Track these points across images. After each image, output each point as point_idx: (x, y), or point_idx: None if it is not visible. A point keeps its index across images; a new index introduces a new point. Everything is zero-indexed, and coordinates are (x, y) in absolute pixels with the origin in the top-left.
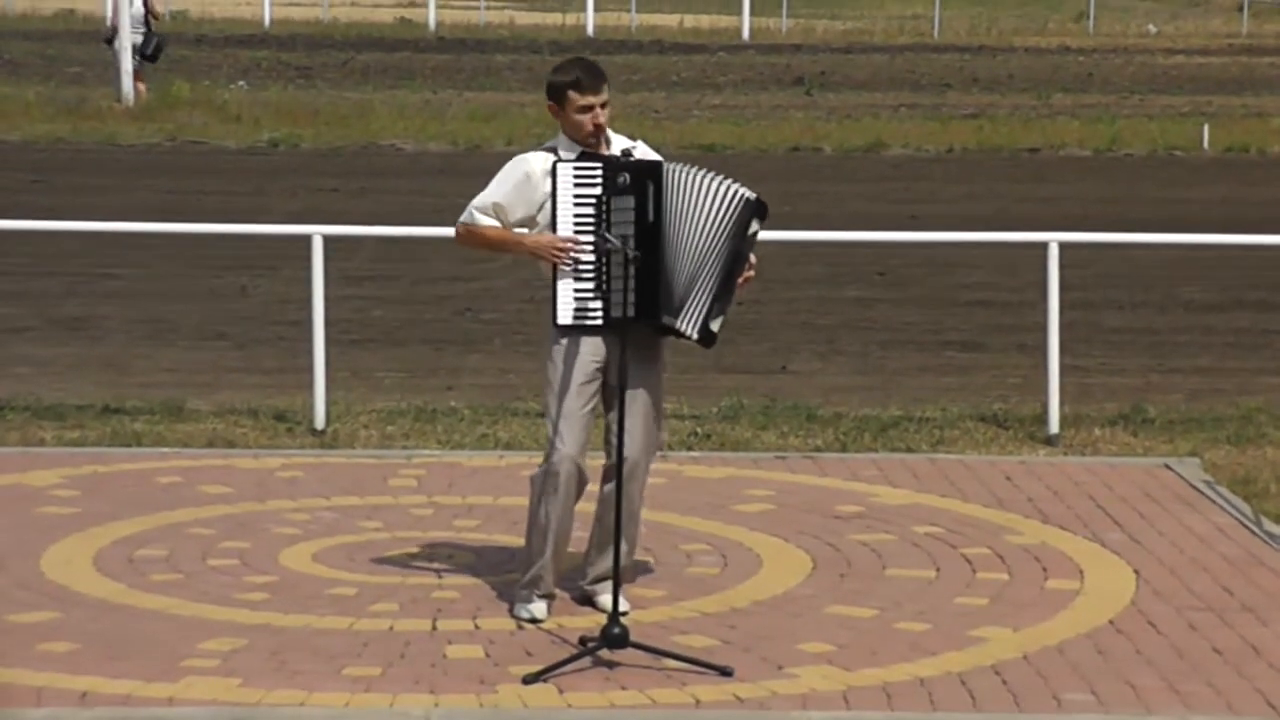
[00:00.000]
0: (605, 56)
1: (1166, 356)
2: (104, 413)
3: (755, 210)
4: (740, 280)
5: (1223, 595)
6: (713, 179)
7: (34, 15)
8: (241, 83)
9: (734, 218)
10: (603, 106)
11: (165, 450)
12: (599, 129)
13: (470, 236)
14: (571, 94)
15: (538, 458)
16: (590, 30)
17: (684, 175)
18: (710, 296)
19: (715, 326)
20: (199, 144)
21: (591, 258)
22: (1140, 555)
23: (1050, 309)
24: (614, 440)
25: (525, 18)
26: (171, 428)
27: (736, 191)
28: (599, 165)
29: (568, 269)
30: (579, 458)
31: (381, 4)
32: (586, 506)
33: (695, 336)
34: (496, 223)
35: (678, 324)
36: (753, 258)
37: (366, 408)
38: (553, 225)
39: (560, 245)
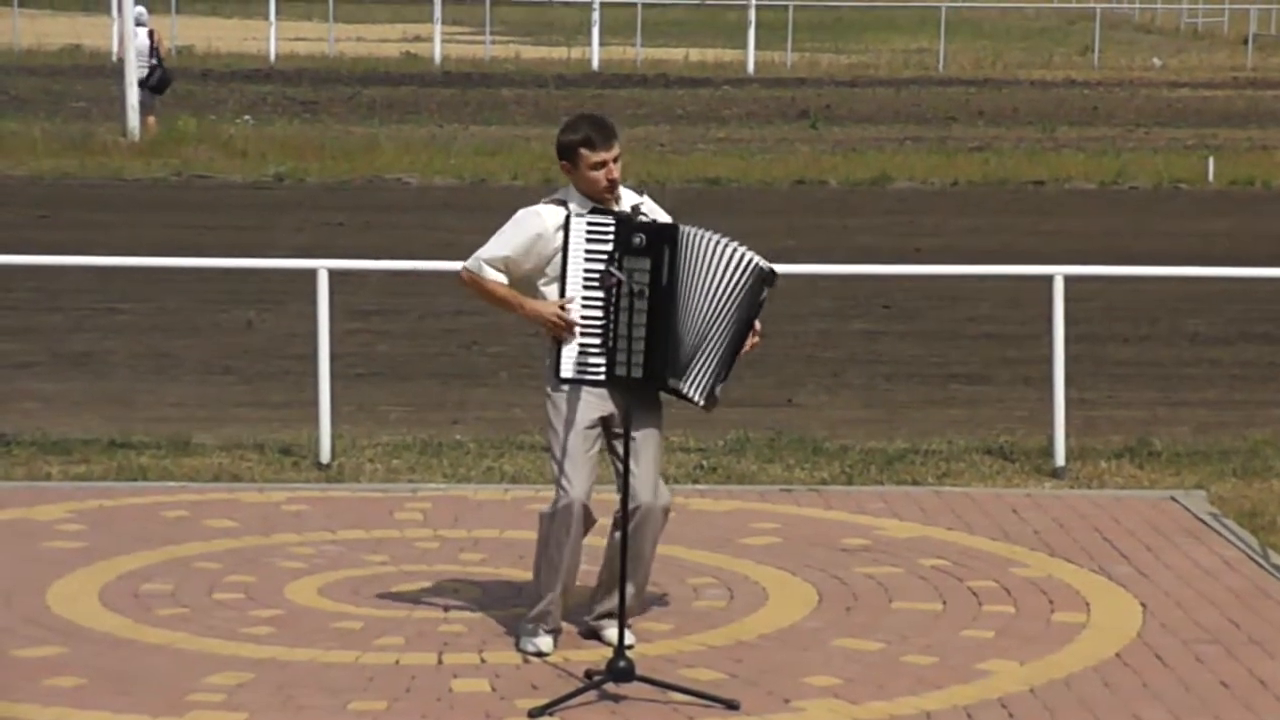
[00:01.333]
0: (610, 90)
1: (1173, 389)
2: (110, 447)
3: (767, 279)
4: (747, 347)
5: (1230, 628)
6: (726, 245)
7: (40, 51)
8: (247, 117)
9: (747, 286)
10: (615, 160)
11: (171, 485)
12: (614, 183)
13: (475, 285)
14: (584, 152)
15: (544, 491)
16: (595, 64)
17: (699, 240)
18: (716, 362)
19: (718, 391)
20: (205, 178)
21: (597, 313)
22: (1147, 588)
23: (1056, 342)
24: (624, 486)
25: (531, 52)
26: (177, 462)
27: (750, 259)
28: (612, 222)
29: (567, 335)
30: (586, 499)
31: (387, 39)
32: (597, 540)
33: (701, 402)
34: (504, 277)
35: (684, 388)
36: (758, 324)
37: (372, 441)
38: (562, 278)
39: (559, 316)
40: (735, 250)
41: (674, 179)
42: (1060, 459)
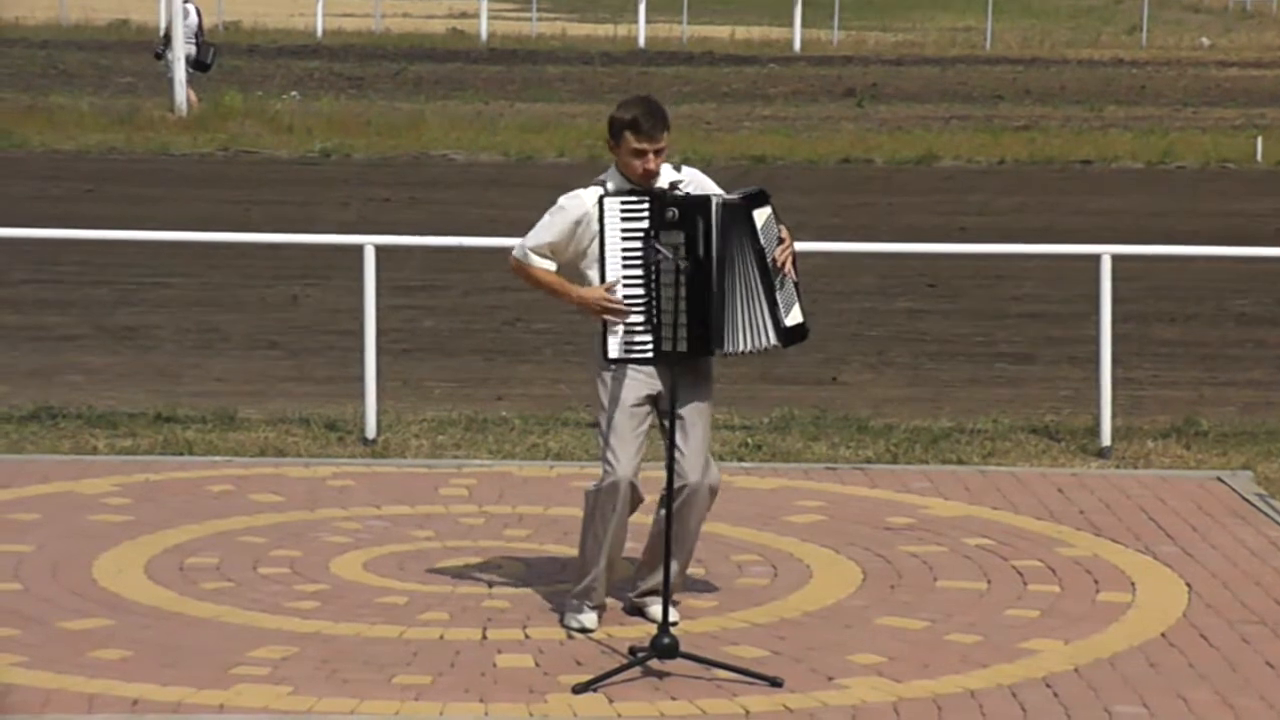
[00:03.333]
0: (656, 68)
1: (1219, 369)
2: (156, 421)
3: (748, 206)
4: (780, 263)
5: (1275, 609)
6: (718, 201)
7: (88, 25)
8: (294, 93)
9: (742, 224)
10: (657, 153)
11: (217, 459)
12: (648, 174)
13: (522, 272)
14: (628, 135)
15: (589, 468)
16: (642, 41)
17: (728, 209)
18: (764, 303)
19: (791, 320)
20: (251, 154)
21: (640, 291)
22: (1192, 568)
23: (1102, 321)
24: (670, 464)
25: (577, 29)
26: (223, 436)
27: (726, 203)
28: (645, 200)
29: (615, 320)
30: (633, 477)
31: (434, 15)
32: (642, 519)
33: (776, 343)
34: (550, 264)
35: (748, 346)
36: (783, 232)
37: (417, 417)
38: (601, 260)
39: (607, 301)
40: (723, 203)
41: (719, 157)
42: (1106, 439)
